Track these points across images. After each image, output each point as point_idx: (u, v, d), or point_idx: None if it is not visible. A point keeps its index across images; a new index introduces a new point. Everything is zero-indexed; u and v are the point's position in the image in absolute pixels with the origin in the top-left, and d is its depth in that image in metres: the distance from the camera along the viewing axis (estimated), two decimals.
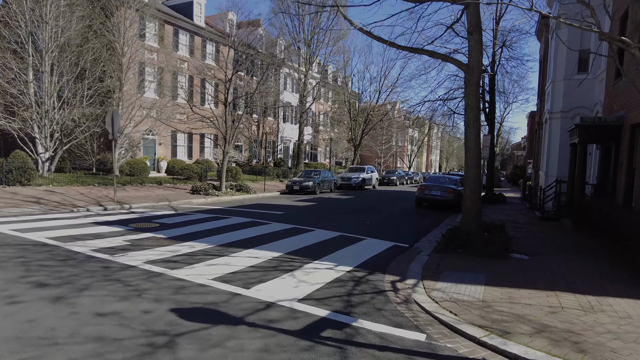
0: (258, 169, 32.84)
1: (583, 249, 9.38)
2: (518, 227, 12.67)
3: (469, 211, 9.69)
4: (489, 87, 22.16)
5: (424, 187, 18.30)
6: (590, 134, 12.01)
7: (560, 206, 14.55)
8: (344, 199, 21.02)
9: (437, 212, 17.00)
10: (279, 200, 19.30)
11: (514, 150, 72.05)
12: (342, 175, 29.06)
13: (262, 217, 12.95)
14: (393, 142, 53.34)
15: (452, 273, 6.97)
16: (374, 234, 10.96)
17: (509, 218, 15.18)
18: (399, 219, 14.49)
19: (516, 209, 19.11)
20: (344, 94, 37.47)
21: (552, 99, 16.39)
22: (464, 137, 10.14)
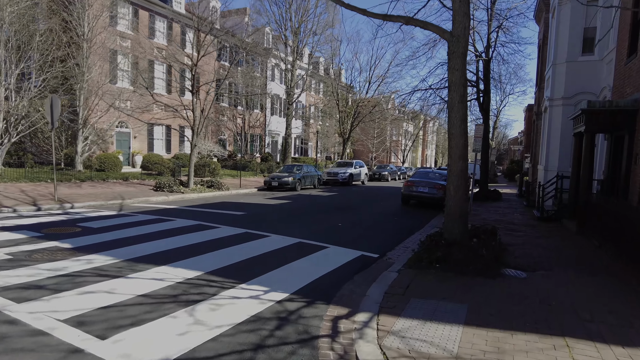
0: (241, 164, 30.87)
1: (595, 262, 7.46)
2: (514, 231, 10.76)
3: (452, 214, 7.77)
4: (484, 74, 20.16)
5: (411, 184, 16.38)
6: (599, 121, 10.07)
7: (561, 205, 12.64)
8: (325, 196, 19.09)
9: (424, 211, 15.09)
10: (250, 198, 17.35)
11: (511, 145, 70.12)
12: (328, 170, 27.11)
13: (215, 219, 11.02)
14: (387, 136, 51.35)
15: (423, 302, 5.05)
16: (342, 239, 9.04)
17: (503, 218, 13.27)
18: (378, 219, 12.57)
19: (512, 207, 17.20)
20: (332, 84, 35.38)
21: (553, 84, 14.42)
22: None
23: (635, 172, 9.61)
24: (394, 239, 9.64)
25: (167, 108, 17.66)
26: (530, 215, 14.05)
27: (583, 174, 10.39)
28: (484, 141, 20.59)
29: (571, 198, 11.75)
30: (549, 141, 14.58)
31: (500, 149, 65.59)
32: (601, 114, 10.00)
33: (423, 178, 16.74)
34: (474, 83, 20.83)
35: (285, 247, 7.91)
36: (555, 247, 8.66)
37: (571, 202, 11.79)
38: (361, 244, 8.69)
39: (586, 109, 10.03)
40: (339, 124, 35.95)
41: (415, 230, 11.05)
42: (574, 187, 11.64)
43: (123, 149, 27.01)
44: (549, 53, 15.76)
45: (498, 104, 42.41)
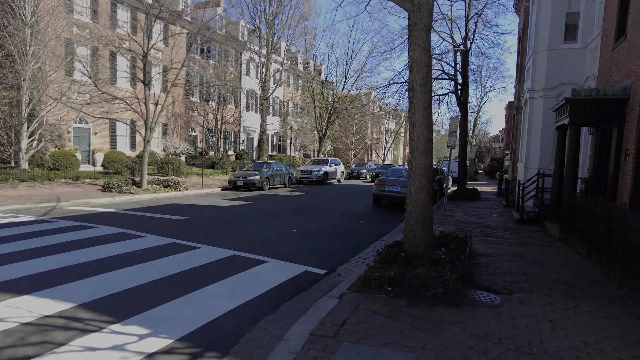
0: (211, 162, 29.17)
1: (584, 279, 6.15)
2: (490, 236, 9.45)
3: (413, 221, 6.38)
4: (462, 67, 18.92)
5: (382, 183, 15.01)
6: (585, 113, 8.81)
7: (543, 206, 11.42)
8: (292, 197, 17.60)
9: (395, 213, 13.74)
10: (207, 199, 15.76)
11: (492, 143, 69.66)
12: (302, 168, 25.63)
13: (147, 225, 9.45)
14: (367, 134, 50.11)
15: (357, 351, 3.62)
16: (289, 250, 7.59)
17: (480, 220, 12.00)
18: (341, 223, 11.15)
19: (491, 206, 15.99)
20: (307, 78, 33.85)
21: (534, 74, 13.20)
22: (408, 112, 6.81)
23: (624, 170, 8.37)
24: (353, 248, 8.23)
25: (125, 100, 15.84)
26: (509, 217, 12.82)
27: (567, 172, 9.14)
28: (462, 137, 19.39)
29: (553, 198, 10.52)
30: (530, 136, 13.36)
31: (481, 147, 65.01)
32: (587, 104, 8.74)
33: (396, 176, 15.40)
34: (452, 76, 19.60)
35: (211, 264, 6.41)
36: (536, 258, 7.34)
37: (553, 203, 10.55)
38: (310, 256, 7.25)
39: (570, 98, 8.76)
40: (315, 120, 34.43)
41: (381, 236, 9.67)
42: (556, 187, 10.40)
43: (82, 146, 25.04)
44: (529, 42, 14.55)
45: (479, 101, 41.42)
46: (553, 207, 10.60)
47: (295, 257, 7.10)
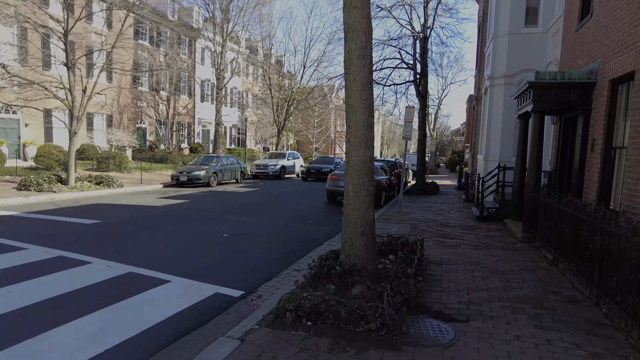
0: (160, 156, 27.07)
1: (555, 296, 5.08)
2: (446, 237, 8.38)
3: (351, 227, 5.13)
4: (421, 55, 17.93)
5: (336, 177, 13.78)
6: (550, 98, 7.84)
7: (504, 201, 10.51)
8: (240, 194, 16.08)
9: None
10: (139, 198, 14.00)
11: (453, 136, 70.33)
12: (258, 162, 24.05)
13: (42, 232, 7.75)
14: (331, 127, 48.93)
15: None
16: (205, 263, 6.18)
17: (437, 217, 10.99)
18: (287, 223, 9.82)
19: (450, 201, 15.11)
20: (263, 66, 32.11)
21: (494, 60, 12.28)
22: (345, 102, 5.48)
23: (591, 163, 7.47)
24: (290, 255, 6.92)
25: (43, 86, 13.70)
26: (469, 213, 11.90)
27: (530, 164, 8.16)
28: (421, 129, 18.48)
29: (515, 194, 9.60)
30: (490, 127, 12.47)
31: (443, 141, 65.38)
32: (552, 89, 7.76)
33: None
34: (411, 65, 18.59)
35: (89, 288, 4.90)
36: (497, 265, 6.27)
37: (515, 199, 9.64)
38: (229, 271, 5.87)
39: (534, 82, 7.75)
40: (272, 112, 32.82)
41: (329, 238, 8.41)
42: (518, 181, 9.48)
43: (11, 138, 22.41)
44: (489, 28, 13.64)
45: (440, 94, 41.09)
46: (515, 203, 9.69)
47: (209, 273, 5.69)
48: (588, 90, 7.62)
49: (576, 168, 7.95)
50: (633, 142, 5.94)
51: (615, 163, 6.92)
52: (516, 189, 9.53)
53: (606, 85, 7.02)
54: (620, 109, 6.88)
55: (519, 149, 9.47)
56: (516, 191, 9.54)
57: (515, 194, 9.59)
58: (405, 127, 11.83)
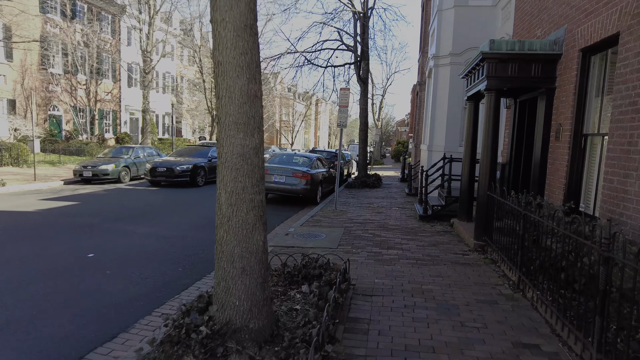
0: (76, 148, 23.52)
1: (532, 350, 3.41)
2: (383, 247, 6.64)
3: (225, 261, 3.15)
4: (361, 35, 16.20)
5: (264, 172, 11.70)
6: (507, 74, 6.26)
7: (450, 197, 9.00)
8: (150, 192, 13.56)
9: (280, 210, 10.62)
10: (16, 200, 11.16)
11: (399, 127, 70.40)
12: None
13: None
14: (276, 117, 46.52)
15: None
16: (31, 305, 3.97)
17: (376, 217, 9.30)
18: (186, 234, 7.66)
19: (392, 196, 13.59)
20: (193, 48, 29.08)
21: (439, 37, 10.73)
22: None
23: (556, 154, 6.01)
24: (163, 289, 4.82)
25: None
26: (411, 211, 10.36)
27: (483, 155, 6.58)
28: (363, 117, 16.83)
29: (464, 190, 8.09)
30: (434, 113, 10.96)
31: (388, 131, 65.13)
32: (510, 62, 6.19)
33: (281, 164, 12.19)
34: (352, 47, 16.84)
35: None
36: (446, 296, 4.56)
37: (464, 195, 8.13)
38: (56, 324, 3.70)
39: (489, 52, 6.14)
40: (206, 98, 29.96)
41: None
42: (467, 174, 7.97)
43: None
44: (433, 2, 12.09)
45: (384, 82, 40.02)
46: (463, 200, 8.18)
47: (21, 330, 3.49)
48: (551, 65, 6.13)
49: (537, 160, 6.48)
50: (617, 128, 4.42)
51: (586, 154, 5.47)
52: (465, 183, 8.02)
53: (575, 57, 5.52)
54: (593, 86, 5.40)
55: (468, 138, 7.94)
56: (465, 186, 8.03)
57: (463, 189, 8.08)
58: (340, 112, 10.00)
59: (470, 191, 8.01)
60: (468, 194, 8.03)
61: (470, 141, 7.91)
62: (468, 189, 7.99)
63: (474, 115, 7.88)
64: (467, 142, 7.96)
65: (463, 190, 8.11)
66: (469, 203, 8.11)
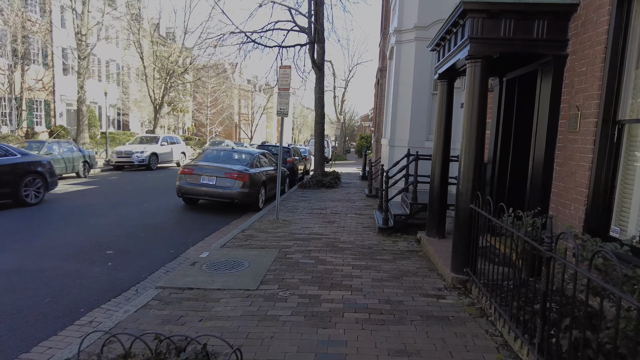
0: None
1: None
2: (324, 285, 4.50)
3: None
4: (315, 15, 14.00)
5: (189, 171, 9.30)
6: (500, 35, 4.25)
7: (416, 205, 7.01)
8: (56, 196, 10.87)
9: (207, 220, 8.30)
10: None
11: (362, 121, 68.94)
12: (120, 148, 18.44)
13: None
14: (235, 108, 43.58)
15: None
16: None
17: (325, 230, 7.17)
18: (55, 264, 5.24)
19: (349, 199, 11.56)
20: (131, 30, 25.85)
21: (402, 7, 8.70)
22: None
23: (571, 149, 4.08)
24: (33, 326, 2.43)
25: None
26: (370, 220, 8.34)
27: (466, 150, 4.54)
28: (319, 107, 14.68)
29: (434, 195, 6.10)
30: (396, 101, 8.94)
31: (352, 126, 63.46)
32: (504, 17, 4.19)
33: (213, 162, 9.84)
34: (305, 29, 14.63)
35: None
36: None
37: (435, 203, 6.15)
38: None
39: (473, 1, 4.12)
40: (147, 87, 26.86)
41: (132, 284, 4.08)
42: (438, 176, 5.99)
43: None
44: None
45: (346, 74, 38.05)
46: (434, 210, 6.20)
47: None
48: (562, 21, 4.18)
49: (537, 160, 4.55)
50: None
51: (622, 150, 3.56)
52: (435, 187, 6.05)
53: (607, 2, 3.58)
54: (634, 49, 3.48)
55: (439, 129, 5.95)
56: (435, 191, 6.05)
57: (433, 195, 6.10)
58: (280, 97, 7.77)
59: (443, 197, 6.04)
60: (439, 201, 6.06)
61: (442, 133, 5.93)
62: (439, 194, 6.02)
63: (447, 99, 5.90)
64: (439, 135, 5.97)
65: (433, 196, 6.13)
66: (441, 213, 6.15)
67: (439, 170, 6.01)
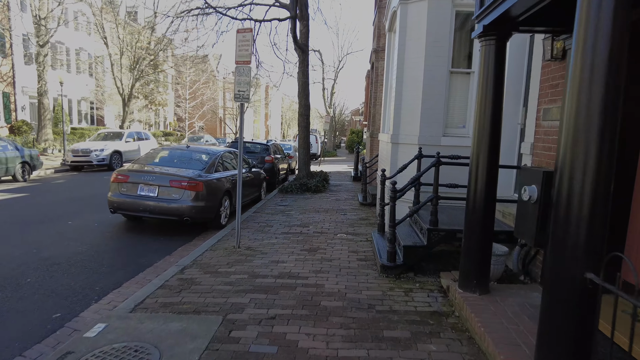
0: None
1: None
2: None
3: None
4: None
5: (123, 178, 6.81)
6: None
7: (437, 233, 4.66)
8: None
9: (143, 247, 5.88)
10: None
11: (353, 116, 66.57)
12: (76, 146, 15.81)
13: None
14: (219, 102, 40.83)
15: None
16: None
17: (302, 269, 4.78)
18: None
19: (339, 209, 9.21)
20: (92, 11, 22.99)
21: None
22: None
23: None
24: None
25: None
26: (367, 245, 5.99)
27: (590, 153, 2.19)
28: (303, 96, 12.23)
29: (474, 221, 3.76)
30: (401, 83, 6.55)
31: (343, 120, 61.01)
32: None
33: (161, 165, 7.39)
34: (287, 5, 12.17)
35: None
36: None
37: (475, 232, 3.80)
38: None
39: None
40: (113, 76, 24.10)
41: None
42: (482, 191, 3.66)
43: None
44: None
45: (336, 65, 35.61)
46: (473, 245, 3.86)
47: None
48: None
49: None
50: None
51: None
52: (477, 208, 3.73)
53: None
54: None
55: (482, 116, 3.61)
56: (477, 213, 3.73)
57: (473, 219, 3.76)
58: (238, 73, 5.32)
59: (487, 224, 3.72)
60: (482, 229, 3.73)
61: (488, 124, 3.60)
62: (483, 218, 3.70)
63: (495, 68, 3.54)
64: (481, 127, 3.63)
65: (471, 222, 3.79)
66: (484, 249, 3.81)
67: (482, 182, 3.67)
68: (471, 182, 3.76)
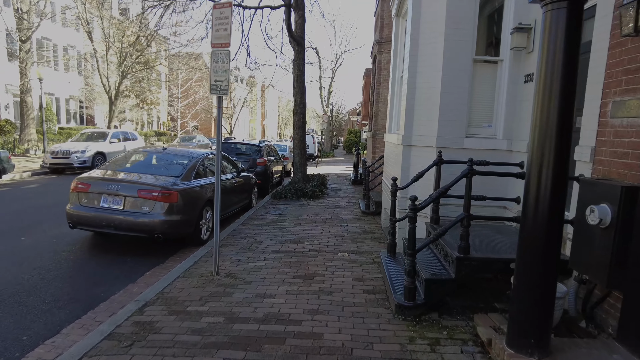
0: None
1: None
2: None
3: None
4: None
5: (84, 187, 5.70)
6: None
7: (469, 262, 3.59)
8: None
9: (96, 274, 4.77)
10: None
11: (351, 115, 65.56)
12: (55, 148, 14.64)
13: None
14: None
15: None
16: None
17: (295, 303, 3.72)
18: None
19: (339, 219, 8.13)
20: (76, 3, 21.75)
21: None
22: None
23: None
24: None
25: None
26: (373, 269, 4.92)
27: None
28: (298, 92, 11.13)
29: (532, 252, 2.69)
30: (415, 76, 5.47)
31: (340, 120, 59.94)
32: None
33: (130, 170, 6.29)
34: None
35: None
36: None
37: (535, 265, 2.73)
38: None
39: None
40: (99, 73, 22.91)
41: None
42: (547, 211, 2.58)
43: None
44: None
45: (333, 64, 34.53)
46: (531, 283, 2.77)
47: None
48: None
49: None
50: None
51: None
52: (539, 232, 2.64)
53: None
54: None
55: (544, 109, 2.53)
56: (538, 241, 2.64)
57: (530, 247, 2.69)
58: (214, 59, 4.22)
59: (550, 254, 2.65)
60: (544, 261, 2.66)
61: (554, 120, 2.52)
62: (544, 247, 2.63)
63: (566, 43, 2.47)
64: (542, 124, 2.56)
65: (526, 252, 2.72)
66: (547, 289, 2.72)
67: (546, 199, 2.62)
68: (529, 200, 2.70)
